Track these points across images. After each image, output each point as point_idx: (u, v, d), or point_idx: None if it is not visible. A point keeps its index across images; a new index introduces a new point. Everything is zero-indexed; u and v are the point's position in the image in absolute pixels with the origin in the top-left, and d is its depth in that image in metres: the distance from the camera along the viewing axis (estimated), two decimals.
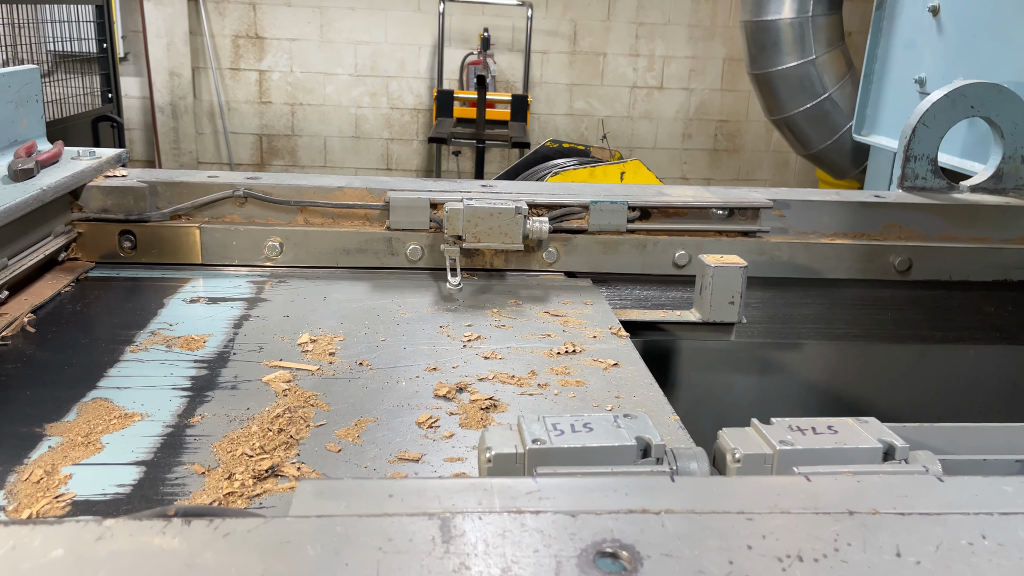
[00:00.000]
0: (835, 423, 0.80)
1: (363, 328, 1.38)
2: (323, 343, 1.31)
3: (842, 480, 0.70)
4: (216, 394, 1.14)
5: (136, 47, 6.98)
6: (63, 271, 1.54)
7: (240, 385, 1.16)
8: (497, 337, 1.37)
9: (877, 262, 1.77)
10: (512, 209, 1.56)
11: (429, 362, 1.26)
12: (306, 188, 1.67)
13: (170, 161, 7.14)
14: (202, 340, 1.30)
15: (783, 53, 5.30)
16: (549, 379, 1.22)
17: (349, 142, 7.40)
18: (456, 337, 1.36)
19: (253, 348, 1.28)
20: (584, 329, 1.42)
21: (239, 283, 1.56)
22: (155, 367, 1.21)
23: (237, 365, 1.22)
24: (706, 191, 1.79)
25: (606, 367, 1.26)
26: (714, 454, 0.79)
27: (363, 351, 1.29)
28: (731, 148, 7.78)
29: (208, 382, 1.17)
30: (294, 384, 1.16)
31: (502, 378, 1.21)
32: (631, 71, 7.43)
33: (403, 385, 1.18)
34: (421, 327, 1.40)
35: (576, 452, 0.72)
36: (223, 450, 0.99)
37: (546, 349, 1.32)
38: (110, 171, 1.68)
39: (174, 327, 1.35)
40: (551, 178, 4.19)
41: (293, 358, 1.25)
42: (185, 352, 1.26)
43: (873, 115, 3.92)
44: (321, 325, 1.38)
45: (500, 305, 1.51)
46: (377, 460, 0.99)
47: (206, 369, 1.21)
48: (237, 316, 1.41)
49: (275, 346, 1.29)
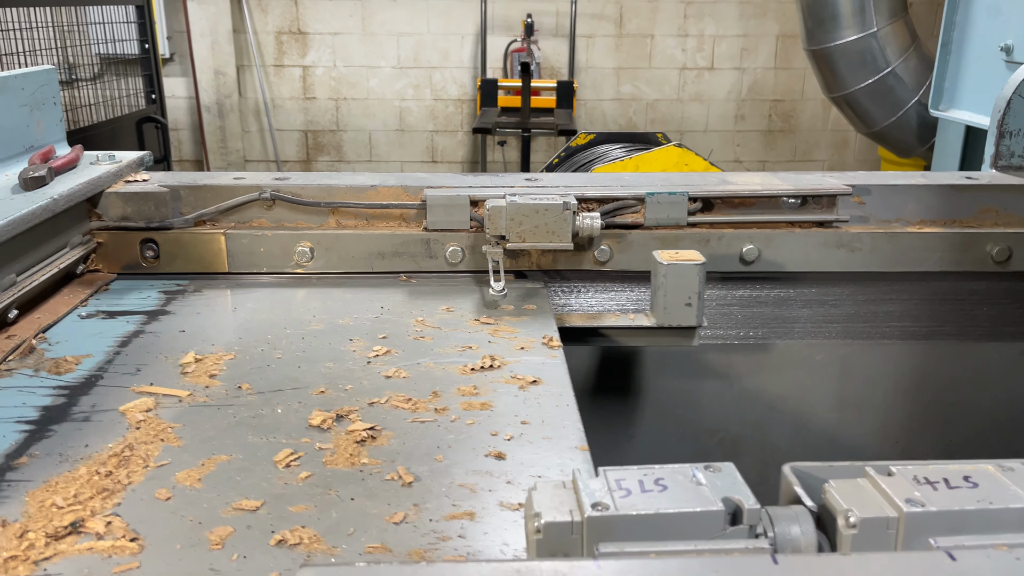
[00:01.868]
0: (972, 472, 0.63)
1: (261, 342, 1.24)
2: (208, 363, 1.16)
3: (996, 558, 0.54)
4: (62, 428, 1.00)
5: (181, 47, 6.99)
6: (82, 284, 1.45)
7: (94, 416, 1.02)
8: (412, 350, 1.22)
9: (972, 252, 1.57)
10: (560, 205, 1.42)
11: (321, 384, 1.12)
12: (337, 188, 1.55)
13: (218, 160, 7.14)
14: (75, 362, 1.17)
15: (842, 27, 5.02)
16: (451, 401, 1.07)
17: (394, 135, 7.32)
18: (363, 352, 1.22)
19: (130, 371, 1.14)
20: (514, 339, 1.27)
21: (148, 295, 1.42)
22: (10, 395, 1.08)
23: (101, 391, 1.09)
24: (775, 178, 1.61)
25: (523, 385, 1.12)
26: (819, 514, 0.63)
27: (255, 371, 1.15)
28: (786, 128, 7.48)
29: (60, 413, 1.03)
30: (151, 415, 1.03)
31: (395, 401, 1.07)
32: (680, 52, 7.19)
33: (276, 413, 1.04)
34: (328, 340, 1.25)
35: (648, 521, 0.57)
36: (34, 500, 0.85)
37: (462, 364, 1.17)
38: (131, 176, 1.58)
39: (54, 347, 1.22)
40: (597, 168, 4.02)
41: (167, 382, 1.11)
42: (51, 377, 1.13)
43: (952, 88, 3.65)
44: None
45: (429, 311, 1.37)
46: (211, 512, 0.84)
47: (64, 397, 1.07)
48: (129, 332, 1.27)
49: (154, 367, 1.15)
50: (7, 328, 1.25)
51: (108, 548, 0.77)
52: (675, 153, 3.48)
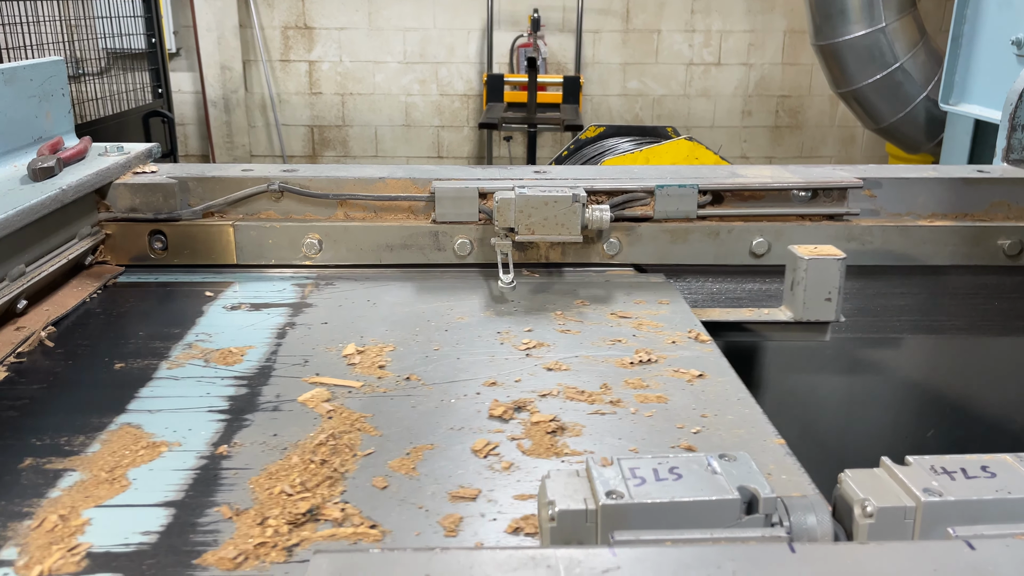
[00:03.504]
0: (989, 462, 0.63)
1: (411, 335, 1.25)
2: (371, 354, 1.17)
3: (1015, 547, 0.53)
4: (255, 417, 1.01)
5: (188, 42, 6.99)
6: (90, 276, 1.45)
7: (282, 406, 1.03)
8: (563, 344, 1.22)
9: (983, 245, 1.56)
10: (569, 197, 1.41)
11: (488, 375, 1.12)
12: (345, 180, 1.54)
13: (224, 155, 7.15)
14: (240, 353, 1.18)
15: (850, 22, 4.99)
16: (624, 394, 1.06)
17: (400, 131, 7.31)
18: (517, 345, 1.21)
19: (298, 362, 1.16)
20: (660, 333, 1.25)
21: (282, 286, 1.44)
22: (191, 385, 1.09)
23: (279, 382, 1.10)
24: (785, 171, 1.60)
25: (690, 379, 1.10)
26: (835, 502, 0.63)
27: (418, 363, 1.15)
28: (793, 124, 7.45)
29: (247, 402, 1.05)
30: (338, 404, 1.03)
31: (568, 393, 1.06)
32: (687, 48, 7.16)
33: (458, 404, 1.04)
34: (476, 333, 1.26)
35: (663, 509, 0.57)
36: (260, 487, 0.86)
37: (619, 358, 1.17)
38: (139, 167, 1.58)
39: (213, 338, 1.23)
40: (607, 161, 4.01)
41: (338, 373, 1.12)
42: (223, 367, 1.14)
43: (962, 82, 3.63)
44: (370, 332, 1.25)
45: (564, 307, 1.36)
46: (436, 498, 0.85)
47: (245, 387, 1.09)
48: (280, 324, 1.29)
49: (320, 358, 1.17)
50: (16, 319, 1.25)
51: (351, 534, 0.78)
52: (685, 146, 3.47)
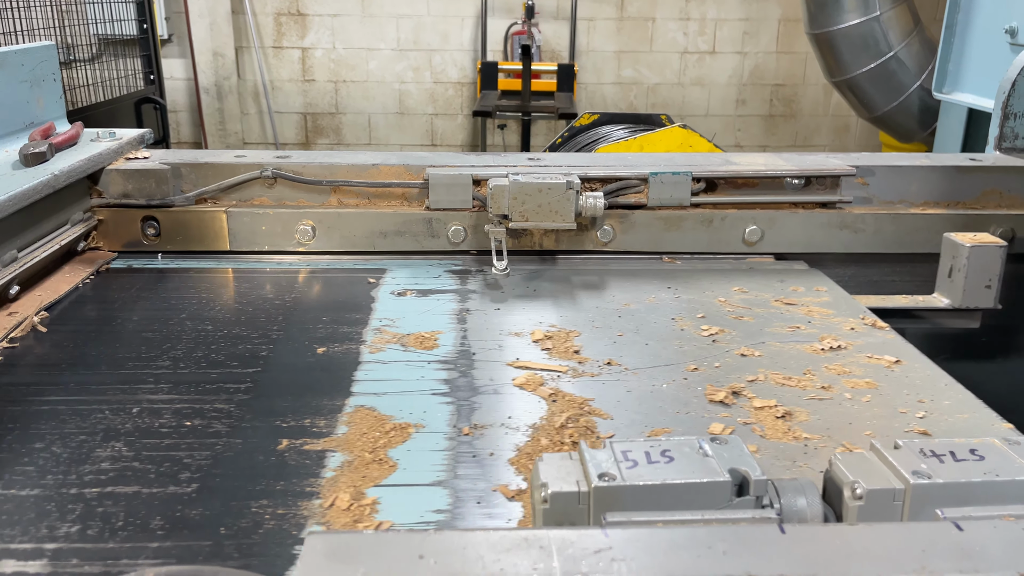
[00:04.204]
0: (978, 445, 0.64)
1: (588, 321, 1.26)
2: (560, 339, 1.19)
3: (1003, 528, 0.54)
4: (480, 400, 1.02)
5: (180, 28, 6.94)
6: (83, 262, 1.44)
7: (501, 389, 1.05)
8: (743, 331, 1.22)
9: (975, 233, 1.57)
10: (563, 184, 1.41)
11: (685, 360, 1.13)
12: (339, 166, 1.54)
13: (216, 142, 7.11)
14: (432, 337, 1.20)
15: (845, 10, 4.99)
16: (831, 380, 1.06)
17: (393, 118, 7.29)
18: (698, 331, 1.22)
19: (492, 347, 1.17)
20: (833, 320, 1.26)
21: (437, 272, 1.46)
22: (401, 369, 1.11)
23: (485, 366, 1.11)
24: (778, 158, 1.61)
25: (888, 364, 1.10)
26: (825, 485, 0.63)
27: (609, 348, 1.16)
28: (787, 113, 7.46)
29: (465, 386, 1.06)
30: (555, 388, 1.04)
31: (775, 379, 1.06)
32: (681, 36, 7.15)
33: (671, 388, 1.05)
34: (652, 318, 1.27)
35: (655, 491, 0.57)
36: (523, 468, 0.87)
37: (807, 344, 1.17)
38: (131, 153, 1.57)
39: (397, 323, 1.25)
40: (601, 148, 4.00)
41: (536, 357, 1.13)
42: (423, 351, 1.16)
43: (956, 70, 3.63)
44: (546, 318, 1.27)
45: (722, 293, 1.36)
46: None
47: (455, 371, 1.10)
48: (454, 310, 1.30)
49: (512, 343, 1.18)
50: (8, 304, 1.24)
51: None
52: (679, 134, 3.47)
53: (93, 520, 0.78)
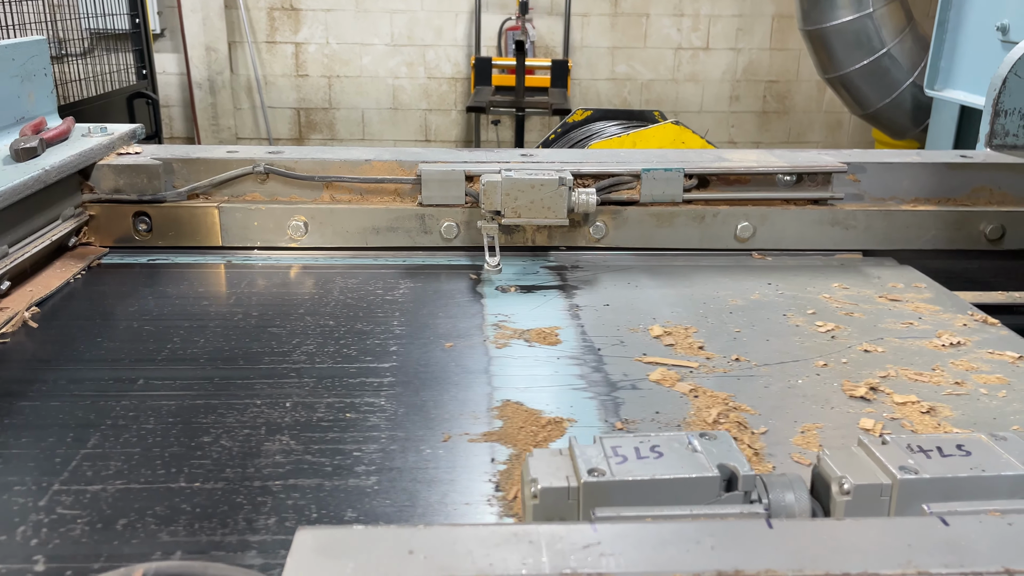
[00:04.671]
0: (966, 441, 0.64)
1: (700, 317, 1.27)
2: (680, 335, 1.20)
3: (988, 523, 0.54)
4: (622, 395, 1.03)
5: (172, 23, 6.91)
6: (74, 257, 1.44)
7: (639, 384, 1.06)
8: (857, 326, 1.23)
9: (965, 230, 1.58)
10: (555, 180, 1.41)
11: (811, 356, 1.13)
12: (331, 162, 1.54)
13: (209, 138, 7.09)
14: (553, 333, 1.21)
15: (838, 7, 5.00)
16: (961, 375, 1.07)
17: (387, 114, 7.27)
18: (813, 327, 1.23)
19: (615, 342, 1.18)
20: (942, 316, 1.26)
21: (534, 268, 1.47)
22: (533, 364, 1.12)
23: (615, 361, 1.12)
24: (770, 155, 1.61)
25: (1012, 360, 1.11)
26: (813, 480, 0.64)
27: (731, 343, 1.17)
28: (781, 110, 7.47)
29: (602, 381, 1.07)
30: (693, 383, 1.05)
31: (907, 374, 1.07)
32: (675, 32, 7.15)
33: (807, 384, 1.06)
34: (764, 315, 1.28)
35: (644, 486, 0.58)
36: None
37: (925, 340, 1.18)
38: (123, 148, 1.57)
39: (512, 319, 1.26)
40: (594, 145, 4.00)
41: (663, 353, 1.14)
42: (549, 347, 1.17)
43: (948, 67, 3.64)
44: (659, 314, 1.28)
45: (823, 290, 1.37)
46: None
47: (587, 366, 1.11)
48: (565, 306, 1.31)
49: (633, 339, 1.19)
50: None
51: None
52: (672, 131, 3.47)
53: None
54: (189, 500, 0.81)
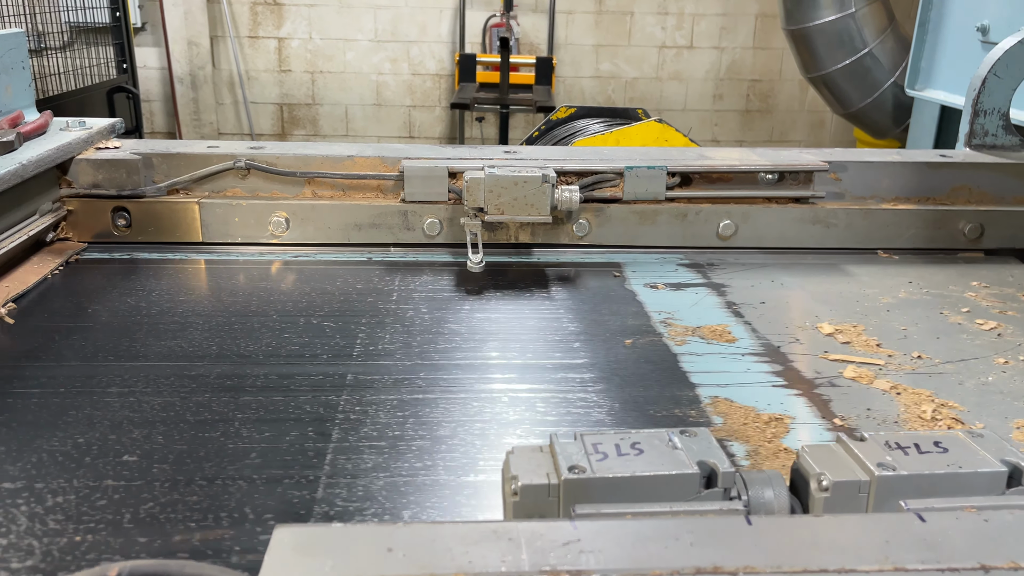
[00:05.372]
0: (943, 437, 0.65)
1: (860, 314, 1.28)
2: (850, 333, 1.21)
3: (964, 519, 0.55)
4: (827, 392, 1.04)
5: (153, 16, 6.85)
6: (51, 253, 1.42)
7: (836, 382, 1.07)
8: (1019, 325, 1.24)
9: (945, 229, 1.59)
10: (538, 177, 1.41)
11: (983, 353, 1.14)
12: (313, 158, 1.53)
13: (191, 132, 7.04)
14: (721, 331, 1.22)
15: (821, 7, 5.03)
16: None
17: (371, 110, 7.25)
18: (972, 325, 1.24)
19: (790, 340, 1.19)
20: None
21: (671, 267, 1.49)
22: (721, 361, 1.13)
23: (801, 359, 1.13)
24: (752, 153, 1.62)
25: None
26: (792, 477, 0.64)
27: (905, 341, 1.18)
28: (764, 108, 7.51)
29: (796, 377, 1.08)
30: (893, 381, 1.06)
31: None
32: (659, 30, 7.17)
33: (996, 380, 1.06)
34: (921, 313, 1.29)
35: (624, 483, 0.58)
36: None
37: None
38: (102, 143, 1.55)
39: (676, 316, 1.27)
40: (577, 142, 4.01)
41: (842, 351, 1.15)
42: (726, 344, 1.18)
43: (928, 68, 3.67)
44: (820, 312, 1.29)
45: (964, 288, 1.39)
46: None
47: (775, 363, 1.12)
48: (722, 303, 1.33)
49: (806, 336, 1.20)
50: None
51: None
52: (655, 128, 3.48)
53: None
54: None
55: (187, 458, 0.87)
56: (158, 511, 0.78)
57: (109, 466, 0.85)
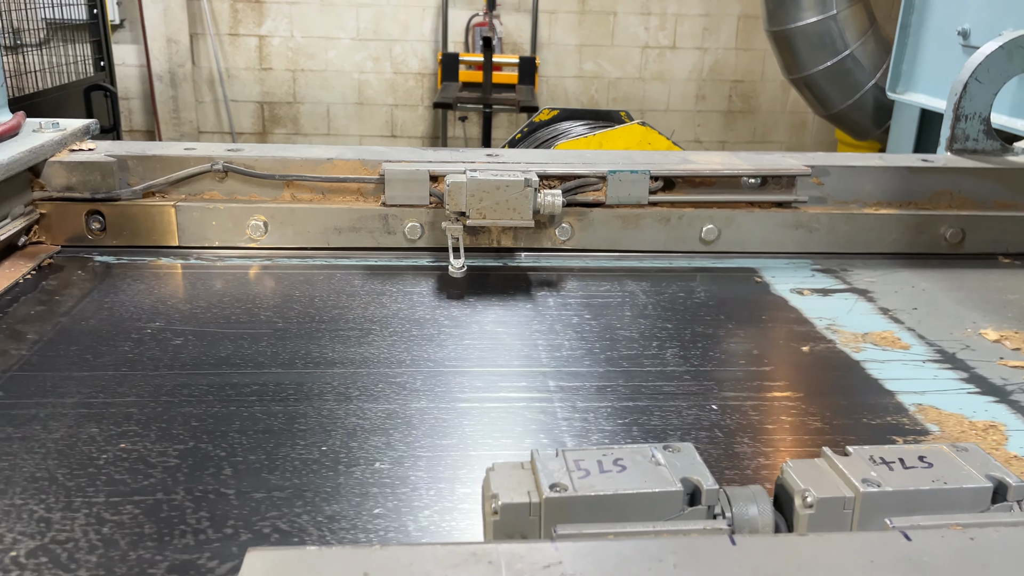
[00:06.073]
0: (927, 452, 0.64)
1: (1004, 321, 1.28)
2: (1017, 340, 1.21)
3: (950, 538, 0.54)
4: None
5: (132, 13, 6.77)
6: (24, 257, 1.39)
7: None
8: None
9: (927, 233, 1.60)
10: (521, 181, 1.40)
11: None
12: (292, 160, 1.51)
13: (170, 131, 6.97)
14: (891, 338, 1.22)
15: (802, 8, 5.06)
16: None
17: (353, 109, 7.21)
18: None
19: (959, 347, 1.20)
20: None
21: (808, 273, 1.49)
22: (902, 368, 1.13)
23: (977, 365, 1.14)
24: (735, 157, 1.61)
25: None
26: (777, 492, 0.63)
27: None
28: (746, 109, 7.54)
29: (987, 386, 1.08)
30: None
31: None
32: (642, 30, 7.18)
33: None
34: None
35: (606, 501, 0.57)
36: None
37: None
38: (76, 144, 1.52)
39: (840, 322, 1.28)
40: (560, 145, 4.00)
41: (1017, 357, 1.15)
42: (899, 351, 1.18)
43: (909, 71, 3.69)
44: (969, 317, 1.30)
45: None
46: None
47: (954, 368, 1.13)
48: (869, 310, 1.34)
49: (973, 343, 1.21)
50: None
51: None
52: (638, 131, 3.48)
53: None
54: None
55: (179, 472, 0.85)
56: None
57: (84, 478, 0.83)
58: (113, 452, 0.88)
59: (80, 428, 0.92)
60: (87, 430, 0.91)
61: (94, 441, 0.89)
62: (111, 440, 0.90)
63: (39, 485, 0.82)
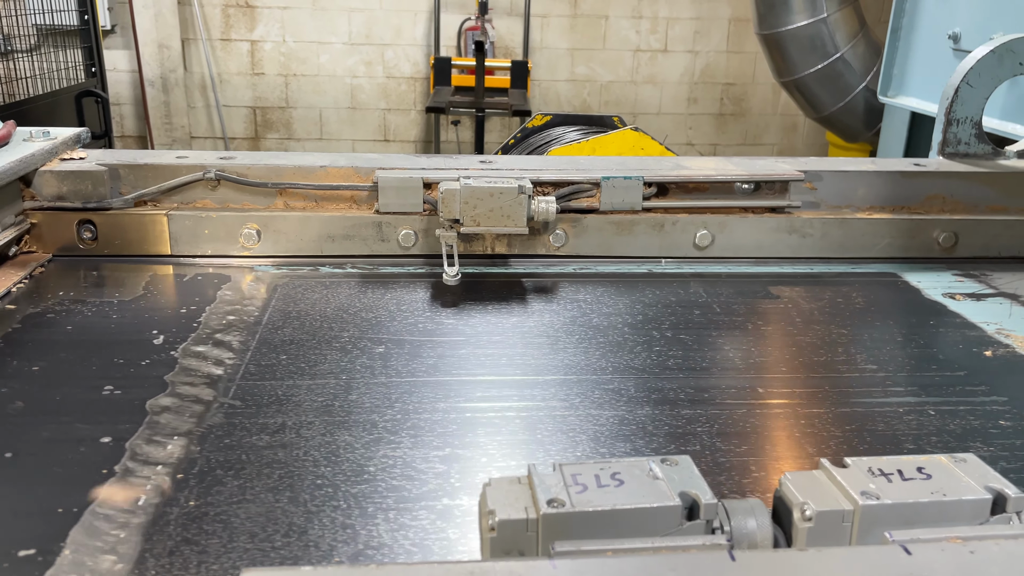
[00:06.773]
0: (926, 463, 0.64)
1: None
2: None
3: (950, 551, 0.54)
4: None
5: (123, 19, 6.75)
6: (14, 267, 1.38)
7: None
8: None
9: (919, 238, 1.60)
10: (515, 188, 1.39)
11: None
12: (285, 168, 1.50)
13: (163, 137, 6.95)
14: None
15: (793, 11, 5.08)
16: None
17: (345, 113, 7.20)
18: None
19: None
20: None
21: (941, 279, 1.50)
22: None
23: None
24: (729, 163, 1.61)
25: None
26: (775, 505, 0.63)
27: None
28: (737, 112, 7.56)
29: None
30: None
31: None
32: (634, 34, 7.19)
33: None
34: None
35: (604, 517, 0.56)
36: None
37: None
38: (67, 153, 1.51)
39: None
40: (553, 151, 4.00)
41: None
42: None
43: (900, 75, 3.71)
44: None
45: None
46: None
47: None
48: None
49: None
50: None
51: None
52: (631, 137, 3.48)
53: None
54: None
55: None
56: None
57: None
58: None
59: None
60: None
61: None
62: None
63: None
